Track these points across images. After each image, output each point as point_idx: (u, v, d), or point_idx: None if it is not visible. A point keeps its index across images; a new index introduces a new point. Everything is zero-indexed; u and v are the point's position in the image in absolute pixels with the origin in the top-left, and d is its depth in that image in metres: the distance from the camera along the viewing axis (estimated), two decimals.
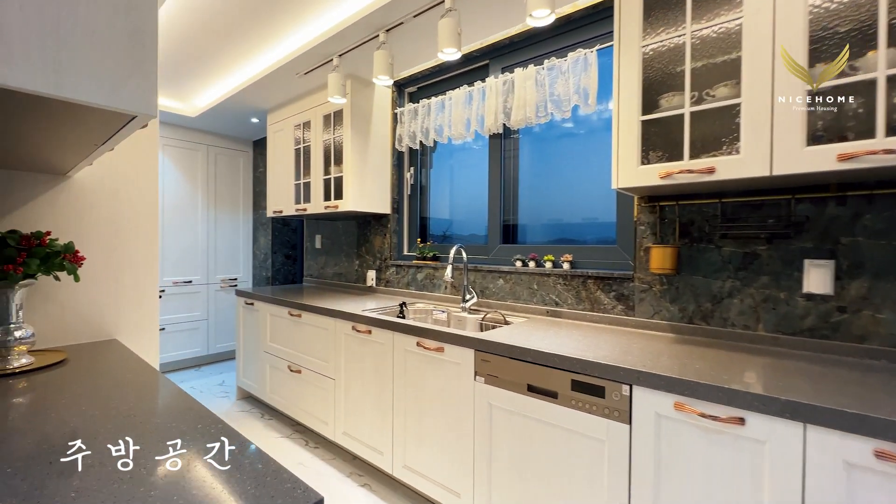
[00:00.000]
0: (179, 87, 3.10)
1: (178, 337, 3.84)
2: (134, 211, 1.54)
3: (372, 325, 2.02)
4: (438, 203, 2.84)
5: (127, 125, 0.77)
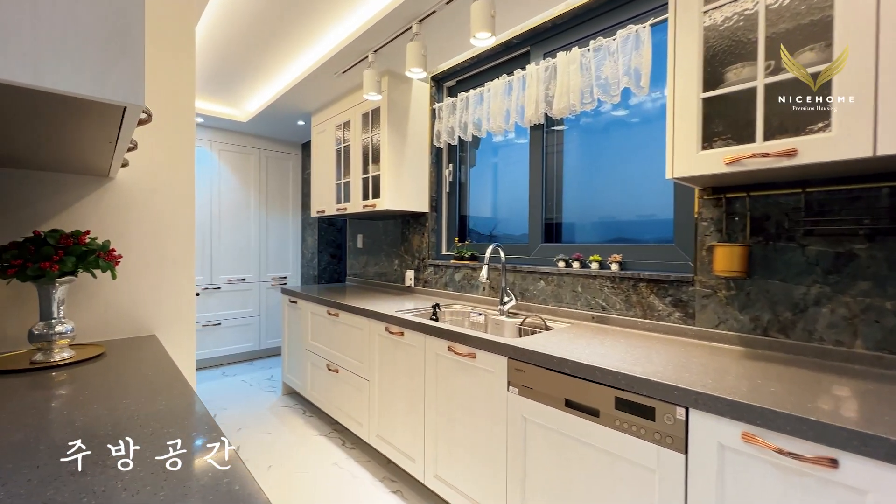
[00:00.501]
0: (231, 93, 3.24)
1: (233, 332, 4.05)
2: (171, 210, 1.59)
3: (404, 327, 1.95)
4: (480, 201, 2.72)
5: (125, 118, 0.74)
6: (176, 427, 0.79)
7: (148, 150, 1.53)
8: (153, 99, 1.54)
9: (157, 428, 0.78)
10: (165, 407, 0.88)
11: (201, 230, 3.85)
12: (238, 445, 2.43)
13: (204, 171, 3.86)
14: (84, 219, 1.42)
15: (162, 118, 1.56)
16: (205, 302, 3.87)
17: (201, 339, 3.84)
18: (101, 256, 1.22)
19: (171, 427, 0.79)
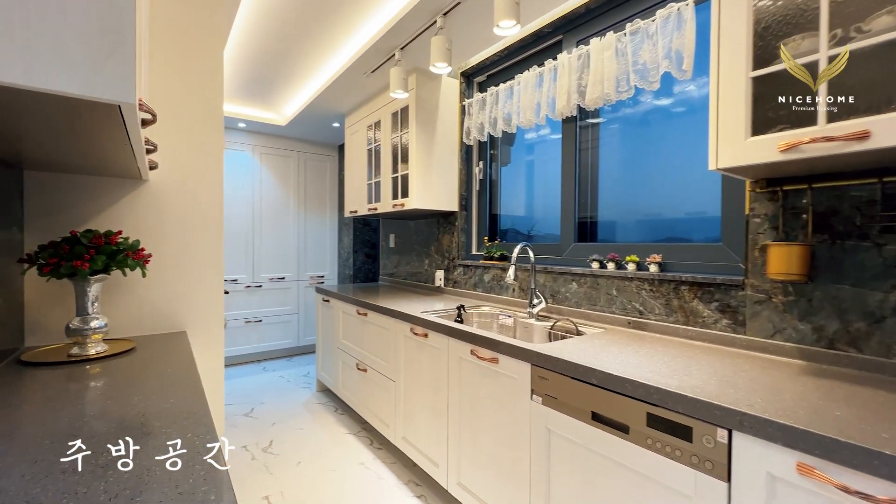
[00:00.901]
0: (270, 98, 3.36)
1: (273, 329, 4.20)
2: (201, 211, 1.64)
3: (428, 329, 1.91)
4: (514, 199, 2.62)
5: (126, 118, 0.74)
6: (176, 427, 0.79)
7: (178, 154, 1.59)
8: (182, 104, 1.59)
9: (157, 427, 0.78)
10: (171, 406, 0.88)
11: (244, 231, 4.02)
12: (271, 440, 2.50)
13: (246, 174, 4.03)
14: (121, 219, 1.49)
15: (192, 123, 1.61)
16: (247, 299, 4.04)
17: (244, 334, 4.01)
18: (130, 255, 1.27)
19: (172, 427, 0.79)
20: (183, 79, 1.59)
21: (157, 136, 1.54)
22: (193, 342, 1.61)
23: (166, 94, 1.56)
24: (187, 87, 1.60)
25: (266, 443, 2.46)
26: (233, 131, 3.94)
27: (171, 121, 1.57)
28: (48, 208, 1.38)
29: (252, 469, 2.17)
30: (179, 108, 1.59)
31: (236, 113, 3.58)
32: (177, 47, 1.57)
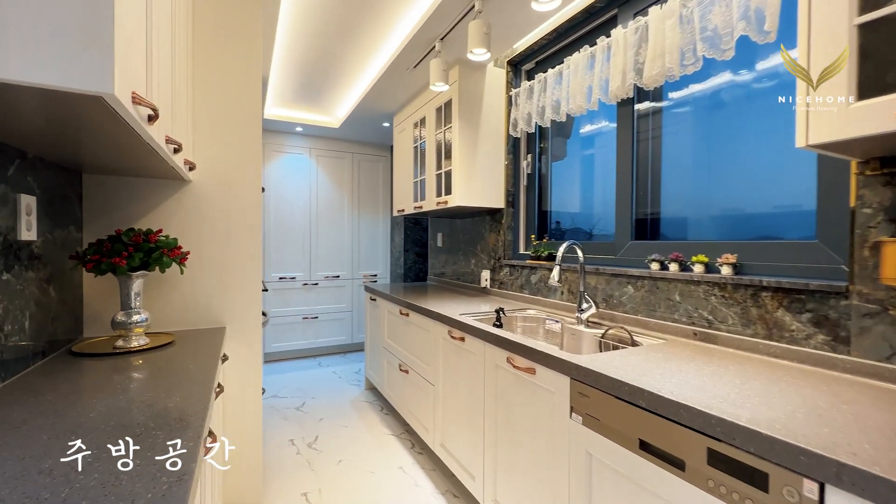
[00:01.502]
0: (322, 101, 3.45)
1: (329, 325, 4.33)
2: (240, 211, 1.67)
3: (465, 332, 1.80)
4: (568, 195, 2.42)
5: (122, 114, 0.72)
6: (180, 426, 0.77)
7: (219, 158, 1.64)
8: (220, 110, 1.63)
9: (161, 424, 0.76)
10: (176, 406, 0.86)
11: (301, 230, 4.20)
12: (317, 435, 2.54)
13: (304, 176, 4.20)
14: (166, 219, 1.56)
15: (231, 128, 1.65)
16: (304, 296, 4.21)
17: (301, 330, 4.19)
18: (165, 253, 1.31)
19: (177, 426, 0.76)
20: (223, 83, 1.64)
21: (199, 141, 1.59)
22: (232, 338, 1.65)
23: (207, 99, 1.61)
24: (227, 92, 1.64)
25: (312, 438, 2.51)
26: (290, 136, 4.12)
27: (212, 126, 1.62)
28: (104, 208, 1.48)
29: (295, 464, 2.21)
30: (220, 113, 1.64)
31: (293, 118, 3.73)
32: (217, 54, 1.62)
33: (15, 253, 1.02)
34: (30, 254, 1.09)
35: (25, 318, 1.07)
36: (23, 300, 1.05)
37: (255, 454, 1.71)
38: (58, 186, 1.25)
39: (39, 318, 1.14)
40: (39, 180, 1.14)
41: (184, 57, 1.41)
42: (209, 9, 1.60)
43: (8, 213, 1.00)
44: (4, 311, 0.97)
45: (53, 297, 1.22)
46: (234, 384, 1.66)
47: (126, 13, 0.72)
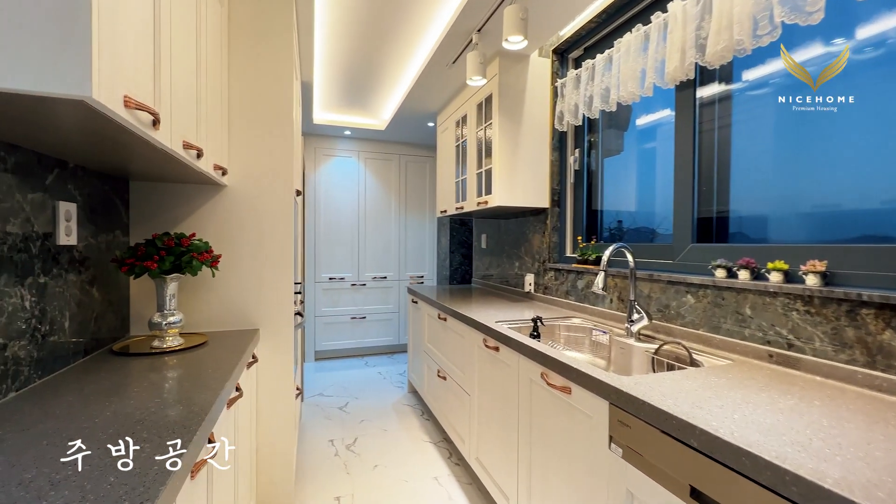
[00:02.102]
0: (367, 103, 3.48)
1: (376, 326, 4.38)
2: (273, 215, 1.69)
3: (499, 342, 1.67)
4: (624, 193, 2.20)
5: (111, 117, 0.71)
6: (182, 426, 0.74)
7: (253, 162, 1.66)
8: (254, 116, 1.66)
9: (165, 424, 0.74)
10: (185, 407, 0.84)
11: (350, 232, 4.28)
12: (356, 437, 2.54)
13: (352, 179, 4.28)
14: (205, 222, 1.61)
15: (264, 133, 1.67)
16: (353, 297, 4.29)
17: (349, 330, 4.27)
18: (195, 257, 1.34)
19: (177, 426, 0.74)
20: (257, 90, 1.66)
21: (234, 146, 1.62)
22: (264, 340, 1.67)
23: (242, 105, 1.64)
24: (261, 98, 1.67)
25: (351, 440, 2.51)
26: (339, 139, 4.22)
27: (246, 131, 1.65)
28: (149, 213, 1.55)
29: (332, 466, 2.22)
30: (253, 118, 1.66)
31: (340, 122, 3.81)
32: (252, 61, 1.65)
33: (54, 257, 1.08)
34: (70, 258, 1.15)
35: (65, 318, 1.12)
36: (62, 301, 1.11)
37: (286, 456, 1.72)
38: (101, 193, 1.32)
39: (81, 318, 1.20)
40: (81, 188, 1.20)
41: (216, 62, 1.44)
42: (246, 16, 1.63)
43: (46, 219, 1.05)
44: (41, 312, 1.03)
45: (97, 298, 1.29)
46: (266, 386, 1.67)
47: (116, 13, 0.70)
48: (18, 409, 0.85)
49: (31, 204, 0.99)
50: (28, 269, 0.98)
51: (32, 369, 1.00)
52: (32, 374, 1.00)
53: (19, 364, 0.95)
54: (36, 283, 1.01)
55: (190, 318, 1.58)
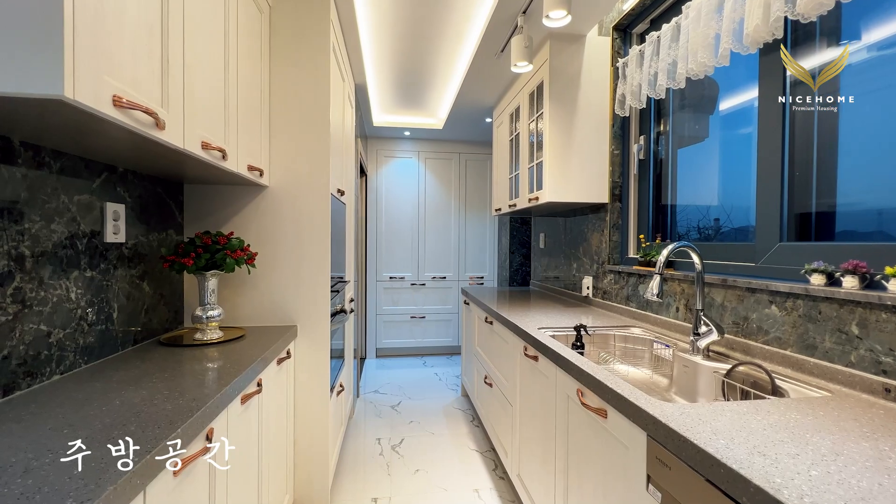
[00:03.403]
0: (423, 102, 3.47)
1: (436, 326, 4.37)
2: (309, 214, 1.72)
3: (538, 351, 1.52)
4: (703, 186, 1.90)
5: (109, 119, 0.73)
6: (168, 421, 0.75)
7: (290, 164, 1.70)
8: (292, 118, 1.70)
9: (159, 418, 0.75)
10: (185, 401, 0.85)
11: (410, 232, 4.32)
12: (403, 438, 2.52)
13: (412, 179, 4.32)
14: (247, 222, 1.69)
15: (302, 135, 1.70)
16: (412, 296, 4.32)
17: (409, 329, 4.31)
18: (229, 254, 1.39)
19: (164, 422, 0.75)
20: (294, 92, 1.70)
21: (274, 149, 1.68)
22: (302, 336, 1.70)
23: (280, 107, 1.69)
24: (298, 100, 1.70)
25: (398, 440, 2.50)
26: (400, 141, 4.28)
27: (284, 133, 1.70)
28: (200, 213, 1.66)
29: (375, 465, 2.21)
30: (291, 120, 1.70)
31: (399, 123, 3.86)
32: (289, 66, 1.69)
33: (101, 253, 1.18)
34: (119, 254, 1.26)
35: (113, 309, 1.23)
36: (110, 294, 1.21)
37: (321, 453, 1.73)
38: (153, 195, 1.43)
39: (130, 309, 1.31)
40: (131, 190, 1.31)
41: (251, 65, 1.49)
42: (287, 19, 1.68)
43: (94, 218, 1.15)
44: (88, 303, 1.13)
45: (148, 292, 1.40)
46: (303, 383, 1.70)
47: (102, 14, 0.72)
48: (52, 391, 0.93)
49: (77, 205, 1.09)
50: (73, 264, 1.08)
51: (78, 355, 1.09)
52: (78, 359, 1.09)
53: (64, 350, 1.05)
54: (82, 276, 1.11)
55: (232, 312, 1.66)
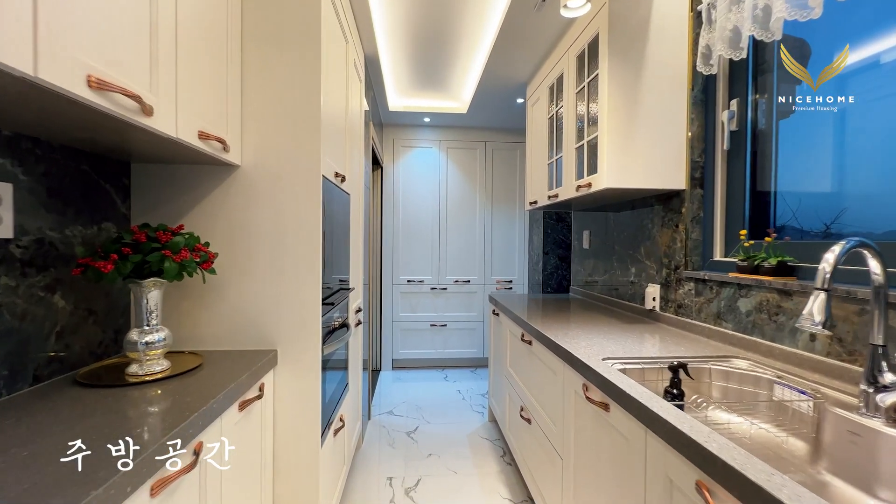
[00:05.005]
0: (444, 81, 3.03)
1: (458, 335, 3.92)
2: (295, 206, 1.30)
3: (609, 396, 1.05)
4: (809, 165, 1.39)
5: None
6: None
7: (268, 142, 1.29)
8: (272, 75, 1.28)
9: None
10: None
11: (430, 231, 3.89)
12: (419, 478, 2.08)
13: (432, 171, 3.88)
14: (214, 212, 1.29)
15: (284, 106, 1.29)
16: (433, 302, 3.89)
17: (429, 338, 3.88)
18: (169, 255, 0.98)
19: None
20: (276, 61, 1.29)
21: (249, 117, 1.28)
22: (284, 365, 1.29)
23: (258, 60, 1.28)
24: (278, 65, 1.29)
25: (413, 481, 2.06)
26: (419, 128, 3.85)
27: (259, 103, 1.29)
28: (154, 202, 1.27)
29: None
30: (269, 89, 1.29)
31: (417, 107, 3.43)
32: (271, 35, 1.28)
33: None
34: (3, 255, 0.86)
35: None
36: None
37: None
38: (74, 174, 1.05)
39: (25, 335, 0.91)
40: (28, 165, 0.91)
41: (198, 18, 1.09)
42: None
43: None
44: None
45: (62, 308, 1.01)
46: (286, 428, 1.29)
47: None
48: None
49: None
50: None
51: None
52: None
53: None
54: None
55: (193, 332, 1.26)
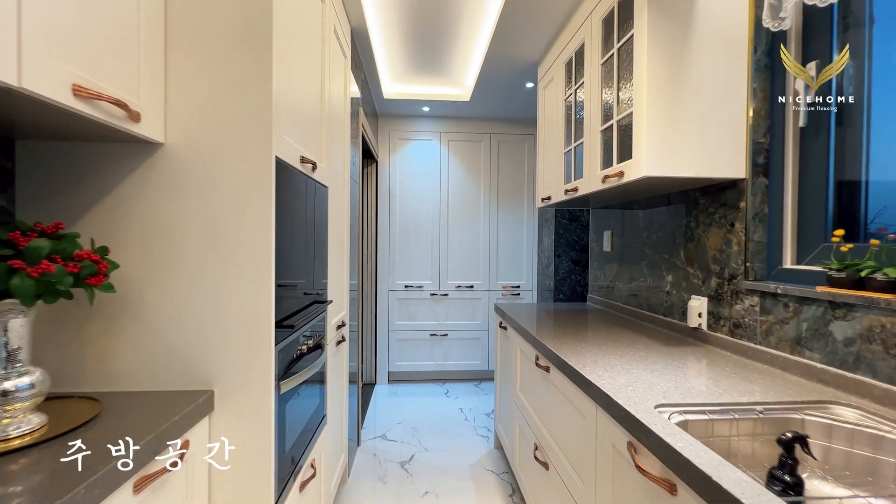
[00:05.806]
0: (444, 64, 2.70)
1: (461, 346, 3.59)
2: (237, 196, 0.97)
3: (676, 475, 0.71)
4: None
5: None
6: None
7: (209, 108, 0.97)
8: (210, 26, 0.96)
9: None
10: None
11: (430, 231, 3.56)
12: None
13: (433, 166, 3.56)
14: (128, 206, 0.96)
15: (229, 70, 0.97)
16: (432, 309, 3.56)
17: (428, 348, 3.55)
18: (22, 268, 0.66)
19: None
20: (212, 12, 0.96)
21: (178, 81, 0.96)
22: (224, 408, 0.96)
23: (189, 27, 0.96)
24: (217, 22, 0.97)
25: None
26: (418, 119, 3.53)
27: (195, 59, 0.96)
28: (49, 192, 0.95)
29: None
30: (210, 50, 0.97)
31: (416, 94, 3.10)
32: None
33: None
34: None
35: None
36: None
37: None
38: None
39: None
40: None
41: None
42: None
43: None
44: None
45: None
46: (222, 495, 0.96)
47: None
48: None
49: None
50: None
51: None
52: None
53: None
54: None
55: (99, 366, 0.94)
